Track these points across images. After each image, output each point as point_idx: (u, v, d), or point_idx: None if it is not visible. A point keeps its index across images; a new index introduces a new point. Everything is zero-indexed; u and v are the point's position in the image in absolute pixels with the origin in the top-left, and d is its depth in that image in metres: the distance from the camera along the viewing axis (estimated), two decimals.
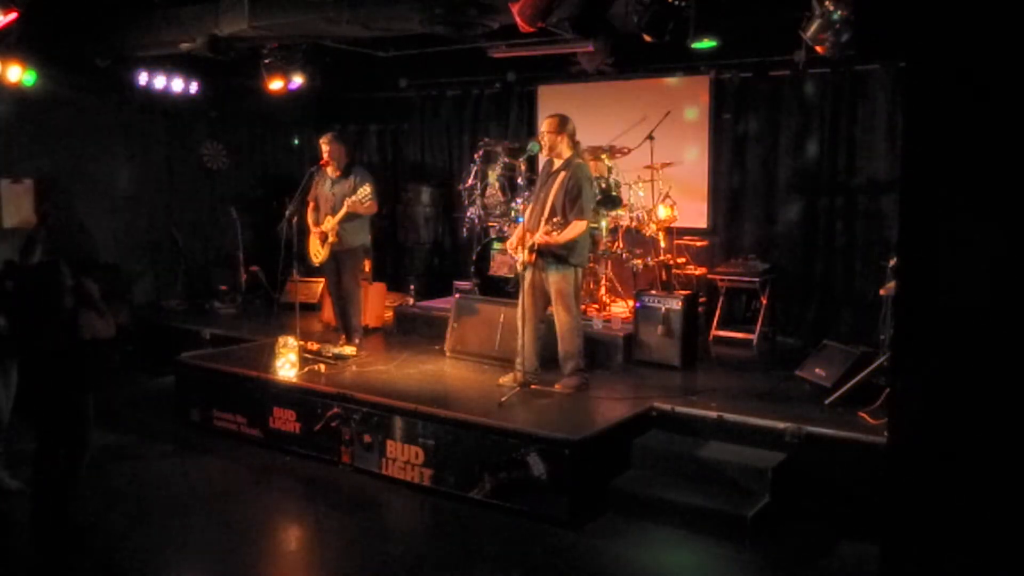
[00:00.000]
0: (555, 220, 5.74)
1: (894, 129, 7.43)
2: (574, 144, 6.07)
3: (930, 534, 3.21)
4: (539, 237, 5.82)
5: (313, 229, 7.32)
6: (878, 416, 5.26)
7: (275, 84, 8.26)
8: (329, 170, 7.30)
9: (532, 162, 8.61)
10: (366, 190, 7.04)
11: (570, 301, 6.04)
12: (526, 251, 5.97)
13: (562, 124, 5.99)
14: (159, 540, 4.95)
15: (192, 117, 9.88)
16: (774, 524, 5.02)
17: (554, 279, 6.01)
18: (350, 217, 7.12)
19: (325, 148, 7.26)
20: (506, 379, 6.25)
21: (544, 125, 6.08)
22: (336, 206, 7.17)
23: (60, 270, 4.65)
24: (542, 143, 6.06)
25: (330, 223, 7.15)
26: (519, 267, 6.16)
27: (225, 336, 8.18)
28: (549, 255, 5.95)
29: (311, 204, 7.35)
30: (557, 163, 6.06)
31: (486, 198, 8.15)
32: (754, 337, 7.63)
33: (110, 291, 6.97)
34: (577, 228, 5.82)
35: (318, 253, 7.34)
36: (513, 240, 6.23)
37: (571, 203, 5.86)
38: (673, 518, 5.07)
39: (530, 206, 6.25)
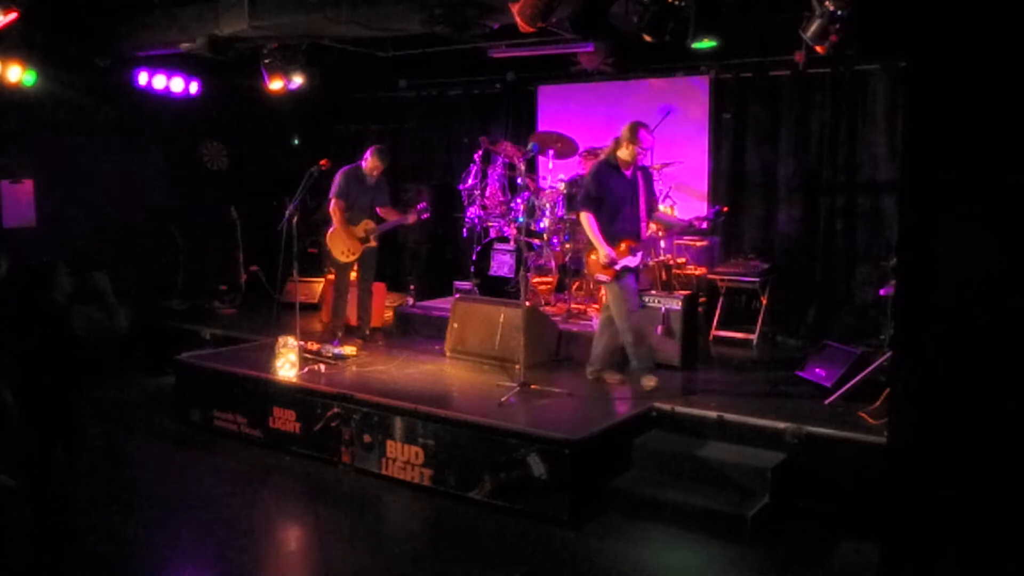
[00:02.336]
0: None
1: (894, 129, 7.43)
2: None
3: (929, 534, 3.21)
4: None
5: (353, 229, 7.51)
6: (878, 416, 5.26)
7: (275, 84, 8.25)
8: (368, 175, 7.55)
9: (531, 163, 8.61)
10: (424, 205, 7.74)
11: None
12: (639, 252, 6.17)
13: None
14: (159, 540, 4.96)
15: (192, 117, 9.86)
16: (774, 524, 5.02)
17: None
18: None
19: (380, 160, 7.51)
20: (506, 379, 6.24)
21: (646, 139, 5.99)
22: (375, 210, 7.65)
23: (55, 270, 4.63)
24: (637, 153, 5.98)
25: (373, 226, 7.59)
26: (605, 275, 6.06)
27: (225, 336, 8.18)
28: None
29: (341, 203, 7.46)
30: (629, 167, 6.06)
31: (486, 198, 8.15)
32: (754, 337, 7.62)
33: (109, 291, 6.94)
34: None
35: (349, 251, 7.52)
36: (623, 247, 6.03)
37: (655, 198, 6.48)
38: (673, 518, 5.07)
39: (620, 211, 6.06)
